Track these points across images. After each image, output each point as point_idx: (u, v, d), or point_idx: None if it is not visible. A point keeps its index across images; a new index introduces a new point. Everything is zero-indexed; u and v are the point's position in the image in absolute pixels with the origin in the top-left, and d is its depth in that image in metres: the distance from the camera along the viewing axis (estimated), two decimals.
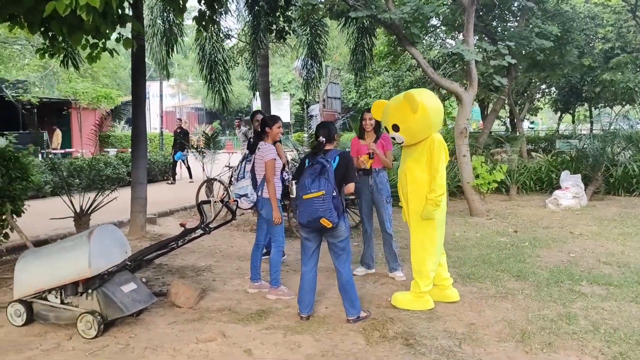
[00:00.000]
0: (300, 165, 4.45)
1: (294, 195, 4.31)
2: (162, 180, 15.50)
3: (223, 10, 12.10)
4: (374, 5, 8.69)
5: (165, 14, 11.50)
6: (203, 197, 9.57)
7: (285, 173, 5.15)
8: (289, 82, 39.96)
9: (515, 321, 4.25)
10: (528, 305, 4.62)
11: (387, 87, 20.03)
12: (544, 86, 20.30)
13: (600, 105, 21.29)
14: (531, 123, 34.32)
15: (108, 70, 27.45)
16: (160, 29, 11.68)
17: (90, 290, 4.08)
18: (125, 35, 5.39)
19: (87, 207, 7.07)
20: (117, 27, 4.95)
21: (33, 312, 4.25)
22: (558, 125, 24.92)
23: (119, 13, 4.81)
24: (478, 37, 12.78)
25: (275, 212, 4.85)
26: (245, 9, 12.79)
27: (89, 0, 3.43)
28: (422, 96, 4.45)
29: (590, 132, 20.13)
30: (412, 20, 8.60)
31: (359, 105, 28.96)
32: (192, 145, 14.95)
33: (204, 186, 9.87)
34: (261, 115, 6.31)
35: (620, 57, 14.48)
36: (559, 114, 23.10)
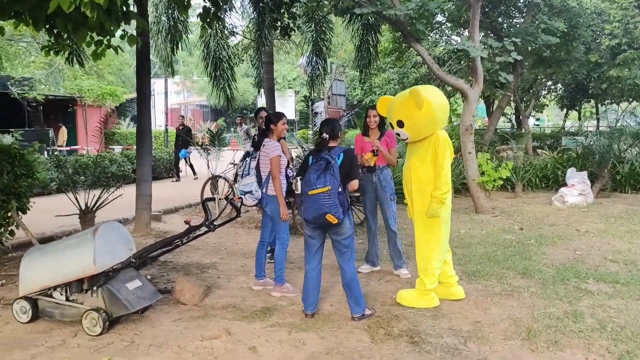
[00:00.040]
0: (304, 162, 4.42)
1: (299, 192, 4.29)
2: (167, 177, 15.53)
3: (227, 7, 12.06)
4: (379, 2, 8.66)
5: (170, 10, 11.51)
6: (208, 195, 9.57)
7: (289, 170, 5.14)
8: (294, 79, 39.94)
9: (521, 319, 4.22)
10: (534, 303, 4.60)
11: (392, 84, 20.00)
12: (549, 83, 20.21)
13: (606, 102, 21.17)
14: (537, 120, 34.21)
15: (113, 67, 27.52)
16: (165, 26, 11.70)
17: (95, 288, 4.09)
18: (130, 33, 5.38)
19: (92, 204, 7.10)
20: (121, 24, 4.96)
21: (38, 309, 4.27)
22: (564, 122, 24.81)
23: (124, 10, 4.80)
24: (484, 33, 12.70)
25: (283, 209, 4.85)
26: (249, 6, 12.78)
27: None
28: (427, 92, 4.42)
29: (596, 129, 20.03)
30: (417, 16, 8.57)
31: (363, 103, 28.94)
32: (196, 143, 14.94)
33: (209, 183, 9.88)
34: (265, 113, 6.30)
35: (627, 54, 14.38)
36: (565, 110, 22.99)
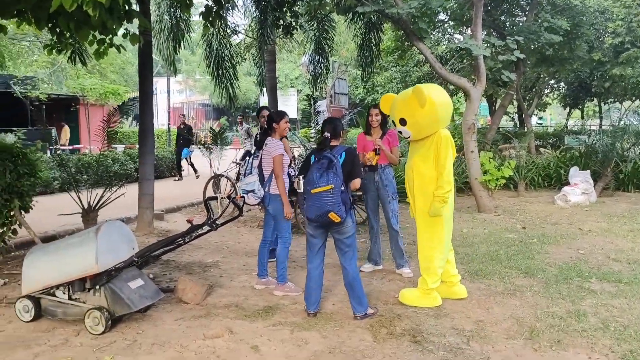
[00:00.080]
0: (306, 161, 4.41)
1: (301, 190, 4.28)
2: (170, 176, 15.53)
3: (230, 5, 12.06)
4: (382, 0, 8.64)
5: (172, 9, 11.51)
6: (210, 194, 9.58)
7: (291, 169, 5.13)
8: (296, 78, 39.95)
9: (524, 318, 4.22)
10: (537, 302, 4.59)
11: (394, 82, 19.94)
12: (552, 81, 20.13)
13: (609, 101, 21.08)
14: (539, 119, 34.12)
15: (115, 66, 27.57)
16: (167, 24, 11.70)
17: (97, 287, 4.09)
18: (132, 31, 5.38)
19: (95, 203, 7.10)
20: (123, 23, 4.96)
21: (41, 308, 4.28)
22: (567, 120, 24.72)
23: (126, 8, 4.80)
24: (486, 32, 12.68)
25: (287, 207, 4.84)
26: (252, 5, 12.78)
27: None
28: (430, 91, 4.42)
29: (599, 127, 19.96)
30: (419, 15, 8.55)
31: (366, 101, 28.87)
32: (199, 142, 14.93)
33: (211, 182, 9.89)
34: (267, 111, 6.29)
35: (631, 52, 14.32)
36: (567, 109, 22.90)
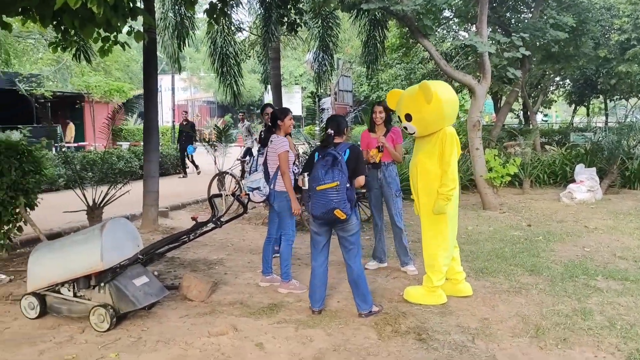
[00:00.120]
0: (309, 159, 4.40)
1: (306, 187, 4.27)
2: (175, 173, 15.58)
3: (234, 3, 12.06)
4: None
5: (176, 6, 11.50)
6: (215, 191, 9.59)
7: (294, 167, 5.12)
8: (301, 75, 39.88)
9: (529, 316, 4.20)
10: (542, 300, 4.57)
11: (399, 79, 19.93)
12: (558, 78, 20.05)
13: (615, 98, 21.00)
14: (545, 116, 33.99)
15: (120, 63, 27.58)
16: (171, 22, 11.69)
17: (102, 284, 4.10)
18: (137, 29, 5.38)
19: (100, 200, 7.12)
20: (128, 20, 4.96)
21: (46, 305, 4.28)
22: (572, 118, 24.62)
23: (130, 6, 4.80)
24: (491, 28, 12.62)
25: (295, 204, 4.84)
26: (256, 2, 12.75)
27: None
28: (437, 87, 4.41)
29: (605, 124, 19.87)
30: (424, 12, 8.53)
31: (370, 99, 28.83)
32: (203, 139, 14.95)
33: (216, 179, 9.89)
34: (271, 109, 6.28)
35: (637, 49, 14.25)
36: (573, 106, 22.81)
